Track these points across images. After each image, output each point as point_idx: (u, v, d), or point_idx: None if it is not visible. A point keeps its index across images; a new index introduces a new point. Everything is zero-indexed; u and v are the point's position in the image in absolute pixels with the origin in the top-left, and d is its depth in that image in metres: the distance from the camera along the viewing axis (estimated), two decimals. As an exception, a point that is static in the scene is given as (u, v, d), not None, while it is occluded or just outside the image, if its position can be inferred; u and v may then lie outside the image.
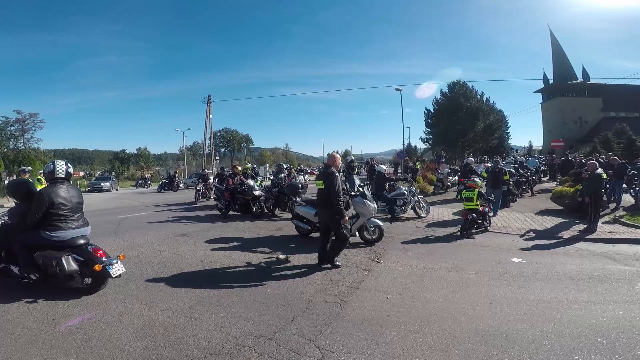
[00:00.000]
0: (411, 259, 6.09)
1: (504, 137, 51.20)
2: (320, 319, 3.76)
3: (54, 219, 4.27)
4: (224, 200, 11.08)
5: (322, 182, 5.35)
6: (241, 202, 10.73)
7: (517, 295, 4.49)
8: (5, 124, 39.97)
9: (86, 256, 4.30)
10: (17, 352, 3.05)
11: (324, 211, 5.45)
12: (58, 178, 4.48)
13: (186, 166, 51.72)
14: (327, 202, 5.28)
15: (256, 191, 10.62)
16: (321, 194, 5.42)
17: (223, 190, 11.39)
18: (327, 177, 5.29)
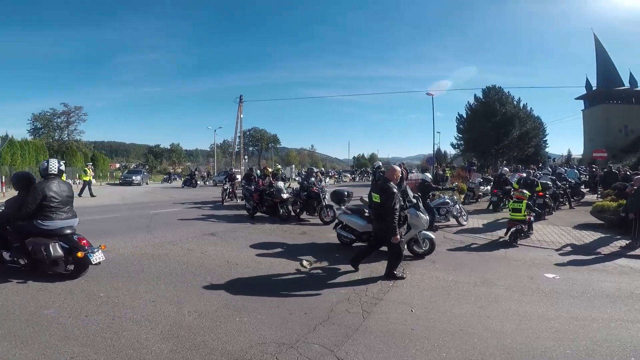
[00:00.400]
0: (438, 271, 5.93)
1: (540, 145, 49.24)
2: (342, 329, 3.74)
3: (46, 210, 4.79)
4: (252, 201, 11.17)
5: (378, 196, 5.25)
6: (269, 204, 10.80)
7: (548, 312, 4.33)
8: (53, 116, 42.50)
9: (71, 244, 4.79)
10: (51, 348, 3.17)
11: (379, 224, 5.38)
12: (51, 174, 5.06)
13: (216, 163, 53.00)
14: (382, 216, 5.23)
15: (284, 194, 10.65)
16: (376, 207, 5.33)
17: (252, 191, 11.46)
18: (384, 192, 5.17)
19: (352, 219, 7.03)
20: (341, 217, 7.24)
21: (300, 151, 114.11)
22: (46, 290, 4.54)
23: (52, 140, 40.73)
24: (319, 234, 8.52)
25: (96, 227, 9.11)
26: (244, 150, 44.79)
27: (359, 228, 6.88)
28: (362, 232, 6.82)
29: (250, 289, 4.86)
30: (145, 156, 72.00)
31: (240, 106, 35.82)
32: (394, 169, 5.59)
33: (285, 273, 5.66)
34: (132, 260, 6.08)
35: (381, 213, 5.22)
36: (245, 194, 11.83)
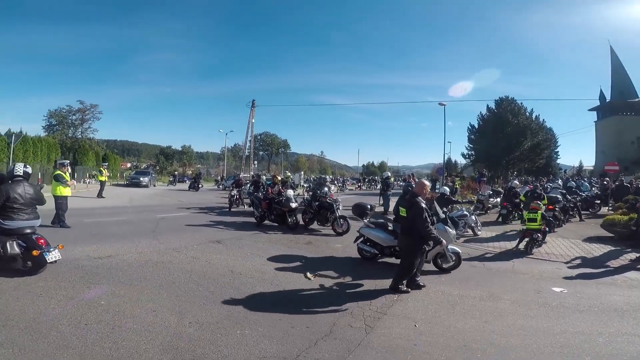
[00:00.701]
0: (443, 285, 5.84)
1: (551, 157, 49.04)
2: (344, 344, 3.69)
3: (8, 210, 5.15)
4: (261, 209, 11.06)
5: (404, 210, 5.22)
6: (278, 212, 10.70)
7: (554, 327, 4.28)
8: (68, 113, 42.75)
9: (29, 243, 5.13)
10: (49, 357, 3.14)
11: (404, 237, 5.35)
12: (17, 176, 5.46)
13: (226, 167, 53.35)
14: (408, 229, 5.22)
15: (293, 203, 10.54)
16: (404, 221, 5.31)
17: (261, 198, 11.36)
18: (412, 207, 5.13)
19: (376, 233, 6.86)
20: (364, 231, 7.04)
21: (309, 157, 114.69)
22: (46, 296, 4.53)
23: (65, 137, 40.95)
24: (324, 244, 8.44)
25: (102, 230, 9.22)
26: (254, 155, 45.07)
27: (383, 242, 6.74)
28: (385, 246, 6.72)
29: (252, 301, 4.83)
30: (157, 157, 72.74)
31: (252, 111, 36.12)
32: (423, 184, 5.58)
33: (288, 285, 5.61)
34: (136, 267, 6.07)
35: (409, 226, 5.19)
36: (254, 201, 11.76)
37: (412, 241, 5.20)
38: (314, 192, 11.15)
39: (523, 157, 40.09)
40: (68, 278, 5.27)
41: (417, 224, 5.05)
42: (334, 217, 10.05)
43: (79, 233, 8.70)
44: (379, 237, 6.78)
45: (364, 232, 6.99)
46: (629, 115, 49.33)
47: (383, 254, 6.82)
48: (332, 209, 10.14)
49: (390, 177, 17.23)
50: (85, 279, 5.27)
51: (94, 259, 6.43)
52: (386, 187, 15.67)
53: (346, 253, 7.85)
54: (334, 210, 10.10)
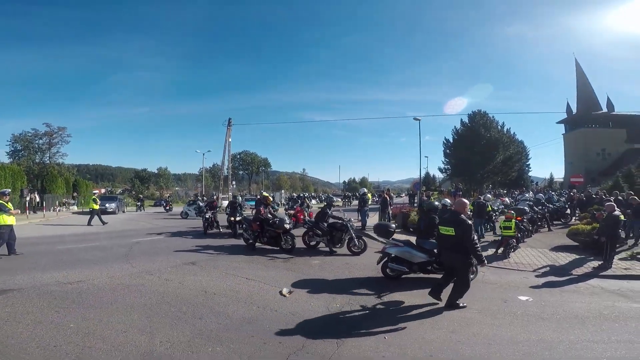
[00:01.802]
0: (415, 297, 5.99)
1: (523, 169, 50.52)
2: (315, 357, 3.76)
3: None
4: (251, 231, 10.57)
5: (451, 229, 5.36)
6: (271, 234, 10.21)
7: (518, 336, 4.44)
8: (34, 137, 40.16)
9: None
10: None
11: (453, 255, 5.48)
12: None
13: (204, 188, 52.63)
14: (456, 247, 5.35)
15: (287, 224, 10.20)
16: (449, 239, 5.44)
17: (251, 220, 10.88)
18: (460, 225, 5.30)
19: (407, 250, 6.91)
20: (392, 250, 7.01)
21: (291, 175, 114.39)
22: (14, 321, 4.47)
23: (32, 163, 38.68)
24: (303, 266, 8.47)
25: (73, 257, 8.99)
26: (232, 175, 44.69)
27: (414, 259, 6.82)
28: (415, 263, 6.82)
29: (226, 319, 4.85)
30: (132, 181, 70.94)
31: (229, 129, 36.02)
32: (464, 203, 5.81)
33: (263, 302, 5.63)
34: (107, 291, 5.98)
35: (455, 244, 5.34)
36: (244, 224, 11.29)
37: (461, 257, 5.39)
38: (324, 213, 10.55)
39: (496, 170, 41.13)
40: (36, 303, 5.19)
41: (467, 242, 5.23)
42: (350, 237, 9.77)
43: (49, 260, 8.48)
44: (411, 254, 6.84)
45: (393, 251, 6.96)
46: (594, 128, 51.70)
47: (412, 270, 6.88)
48: (347, 229, 9.89)
49: (367, 194, 17.46)
50: (54, 304, 5.19)
51: (63, 284, 6.32)
52: (363, 204, 15.92)
53: (330, 273, 7.92)
54: (348, 230, 9.85)
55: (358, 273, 7.59)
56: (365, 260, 8.86)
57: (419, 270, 6.86)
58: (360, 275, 7.38)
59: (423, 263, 6.80)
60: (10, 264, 8.01)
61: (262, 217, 10.54)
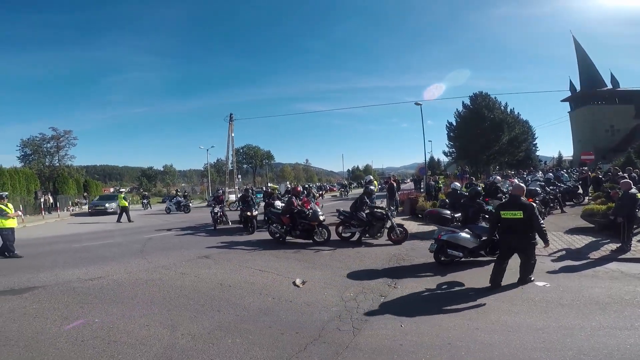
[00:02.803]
0: (430, 284, 6.01)
1: (531, 149, 49.69)
2: (332, 347, 3.81)
3: None
4: (282, 225, 10.25)
5: (519, 213, 5.60)
6: (304, 227, 9.94)
7: (537, 322, 4.37)
8: (42, 141, 41.17)
9: None
10: None
11: (521, 237, 5.71)
12: None
13: (210, 183, 52.92)
14: (525, 229, 5.62)
15: (322, 216, 9.96)
16: (517, 222, 5.64)
17: (279, 213, 10.59)
18: (526, 208, 5.59)
19: (464, 236, 7.04)
20: (448, 236, 7.08)
21: (294, 166, 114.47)
22: (42, 317, 4.65)
23: (43, 166, 39.63)
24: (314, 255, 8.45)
25: (91, 254, 9.19)
26: (237, 169, 44.78)
27: (468, 244, 7.00)
28: (469, 248, 7.00)
29: (243, 310, 4.94)
30: (139, 179, 71.63)
31: (231, 125, 35.93)
32: (522, 187, 6.09)
33: (277, 293, 5.71)
34: (126, 286, 6.13)
35: (522, 228, 5.62)
36: (270, 217, 10.86)
37: (529, 238, 5.68)
38: (362, 202, 10.14)
39: (502, 151, 40.63)
40: (61, 300, 5.39)
41: (535, 222, 5.56)
42: (391, 226, 9.63)
43: (68, 258, 8.71)
44: (467, 239, 7.02)
45: (448, 238, 7.05)
46: (600, 105, 50.74)
47: (465, 255, 7.06)
48: (387, 217, 9.76)
49: (373, 181, 17.22)
50: (78, 300, 5.37)
51: (84, 280, 6.51)
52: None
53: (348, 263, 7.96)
54: (389, 219, 9.72)
55: (369, 262, 7.62)
56: (376, 249, 8.90)
57: (470, 255, 7.07)
58: (372, 265, 7.41)
59: (476, 247, 7.05)
60: (32, 262, 8.24)
61: (295, 210, 10.19)
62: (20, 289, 6.02)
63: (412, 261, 7.63)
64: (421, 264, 7.37)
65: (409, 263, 7.48)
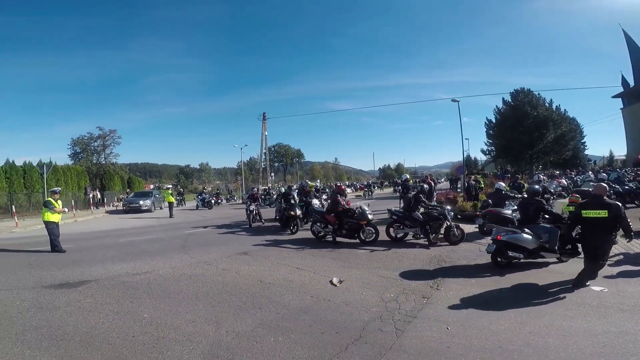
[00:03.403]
0: (475, 287, 5.78)
1: (578, 148, 47.12)
2: (375, 348, 3.75)
3: None
4: (326, 224, 10.08)
5: (603, 212, 5.52)
6: (352, 226, 9.78)
7: (595, 327, 4.14)
8: (90, 140, 43.47)
9: None
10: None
11: (604, 237, 5.58)
12: None
13: (244, 181, 54.15)
14: (608, 228, 5.54)
15: (371, 215, 9.79)
16: (600, 222, 5.58)
17: (323, 212, 10.49)
18: (611, 207, 5.50)
19: (525, 237, 6.84)
20: (508, 237, 6.87)
21: (324, 164, 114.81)
22: (96, 311, 4.87)
23: (90, 164, 41.78)
24: (349, 254, 8.37)
25: (136, 249, 9.65)
26: (270, 167, 45.48)
27: (529, 245, 6.80)
28: (530, 249, 6.81)
29: (283, 308, 4.96)
30: (177, 176, 74.60)
31: (264, 123, 36.65)
32: (604, 187, 5.97)
33: (316, 292, 5.71)
34: (171, 281, 6.36)
35: (605, 228, 5.54)
36: (316, 216, 10.59)
37: (610, 238, 5.59)
38: (417, 201, 9.73)
39: (547, 149, 38.54)
40: (112, 294, 5.65)
41: (622, 221, 5.49)
42: (449, 225, 9.32)
43: (116, 252, 9.19)
44: (528, 240, 6.81)
45: (509, 239, 6.85)
46: (656, 99, 46.88)
47: (525, 257, 6.85)
48: (445, 217, 9.45)
49: (409, 180, 16.61)
50: (128, 294, 5.62)
51: (133, 275, 6.82)
52: (406, 190, 15.32)
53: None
54: (447, 218, 9.44)
55: (409, 263, 7.45)
56: (415, 250, 8.70)
57: (530, 256, 6.83)
58: (412, 266, 7.24)
59: (537, 248, 6.80)
60: (84, 256, 8.76)
61: (341, 209, 10.02)
62: (75, 282, 6.36)
63: (454, 263, 7.39)
64: (463, 266, 7.13)
65: (450, 264, 7.24)
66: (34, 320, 4.53)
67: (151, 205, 24.08)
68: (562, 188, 17.14)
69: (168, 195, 21.29)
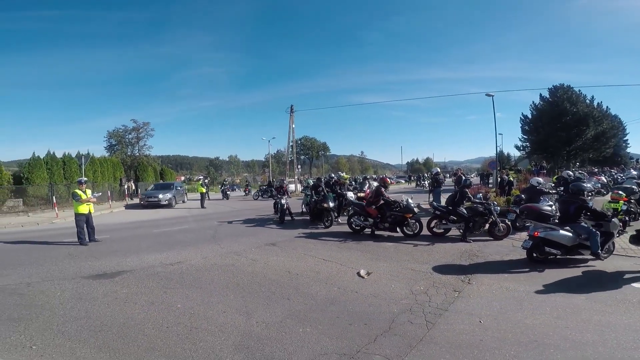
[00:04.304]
0: (508, 281, 5.61)
1: (620, 146, 45.73)
2: (405, 340, 3.71)
3: None
4: (366, 217, 9.91)
5: None
6: (396, 219, 9.57)
7: (636, 323, 3.99)
8: (124, 132, 44.67)
9: None
10: (139, 359, 3.48)
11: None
12: None
13: (271, 173, 54.64)
14: None
15: (416, 208, 9.71)
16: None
17: (363, 205, 10.25)
18: None
19: (563, 234, 6.69)
20: (545, 234, 6.74)
21: (349, 158, 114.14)
22: (131, 302, 5.03)
23: (125, 156, 42.94)
24: (376, 247, 8.36)
25: (169, 239, 10.00)
26: (297, 160, 45.64)
27: (569, 242, 6.67)
28: (569, 245, 6.68)
29: (311, 299, 5.00)
30: (207, 168, 76.30)
31: (291, 116, 36.62)
32: None
33: (343, 283, 5.71)
34: (203, 271, 6.53)
35: None
36: (355, 209, 10.40)
37: None
38: (462, 196, 9.37)
39: (586, 146, 37.00)
40: (146, 284, 5.83)
41: None
42: (494, 221, 9.10)
43: (150, 242, 9.53)
44: (566, 237, 6.66)
45: (546, 235, 6.72)
46: None
47: (569, 253, 6.72)
48: (490, 213, 9.14)
49: (440, 174, 16.26)
50: (162, 285, 5.79)
51: (166, 265, 7.05)
52: (437, 184, 15.04)
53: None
54: (492, 214, 9.12)
55: (439, 257, 7.32)
56: (445, 245, 8.51)
57: (568, 253, 6.70)
58: (442, 260, 7.11)
59: (575, 246, 6.67)
60: (120, 246, 9.13)
61: (384, 201, 9.83)
62: (112, 272, 6.59)
63: (486, 258, 7.19)
64: (495, 262, 6.92)
65: (482, 260, 7.04)
66: (74, 311, 4.69)
67: (172, 200, 21.35)
68: (602, 185, 16.28)
69: (199, 186, 21.90)
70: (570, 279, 5.69)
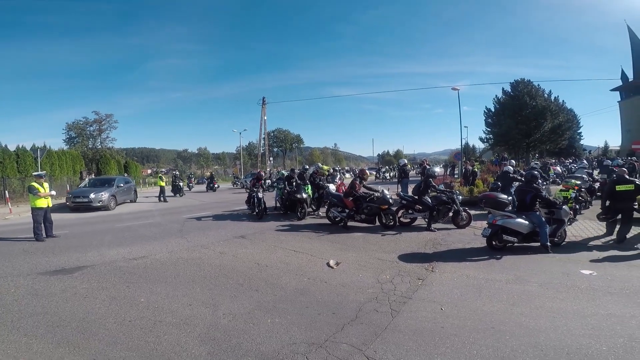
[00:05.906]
0: (468, 269, 5.88)
1: (575, 138, 48.35)
2: (371, 328, 3.81)
3: None
4: (343, 208, 9.96)
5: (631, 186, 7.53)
6: (372, 211, 9.67)
7: (584, 309, 4.25)
8: (85, 124, 43.12)
9: None
10: (100, 354, 3.38)
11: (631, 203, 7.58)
12: None
13: (242, 165, 53.96)
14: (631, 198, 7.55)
15: (391, 199, 9.76)
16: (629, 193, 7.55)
17: (340, 196, 10.29)
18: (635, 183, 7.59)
19: (519, 221, 6.98)
20: (503, 222, 6.97)
21: (323, 150, 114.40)
22: (91, 297, 4.85)
23: (86, 148, 41.47)
24: (346, 237, 8.47)
25: (133, 234, 9.62)
26: (268, 152, 45.29)
27: (525, 230, 6.96)
28: (525, 233, 6.96)
29: (280, 290, 5.02)
30: (175, 161, 74.19)
31: (263, 108, 36.37)
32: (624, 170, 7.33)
33: (312, 274, 5.77)
34: (168, 265, 6.38)
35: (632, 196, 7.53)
36: (333, 200, 10.38)
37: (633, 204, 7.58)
38: (427, 186, 9.56)
39: (544, 139, 39.09)
40: (108, 279, 5.62)
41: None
42: (457, 210, 9.34)
43: (112, 237, 9.14)
44: (522, 225, 6.96)
45: (504, 223, 6.96)
46: (652, 94, 47.05)
47: (525, 240, 7.05)
48: (453, 202, 9.39)
49: (407, 165, 16.72)
50: (124, 279, 5.60)
51: (129, 260, 6.81)
52: (404, 175, 15.49)
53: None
54: (455, 203, 9.38)
55: (404, 246, 7.54)
56: (411, 234, 8.77)
57: (524, 240, 7.07)
58: (408, 249, 7.33)
59: (531, 233, 7.02)
60: (80, 241, 8.72)
61: (359, 194, 9.89)
62: (71, 268, 6.29)
63: (449, 246, 7.48)
64: (458, 249, 7.22)
65: (445, 248, 7.32)
66: (29, 307, 4.49)
67: (110, 200, 16.35)
68: (556, 175, 17.30)
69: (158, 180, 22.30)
70: (526, 267, 6.00)
